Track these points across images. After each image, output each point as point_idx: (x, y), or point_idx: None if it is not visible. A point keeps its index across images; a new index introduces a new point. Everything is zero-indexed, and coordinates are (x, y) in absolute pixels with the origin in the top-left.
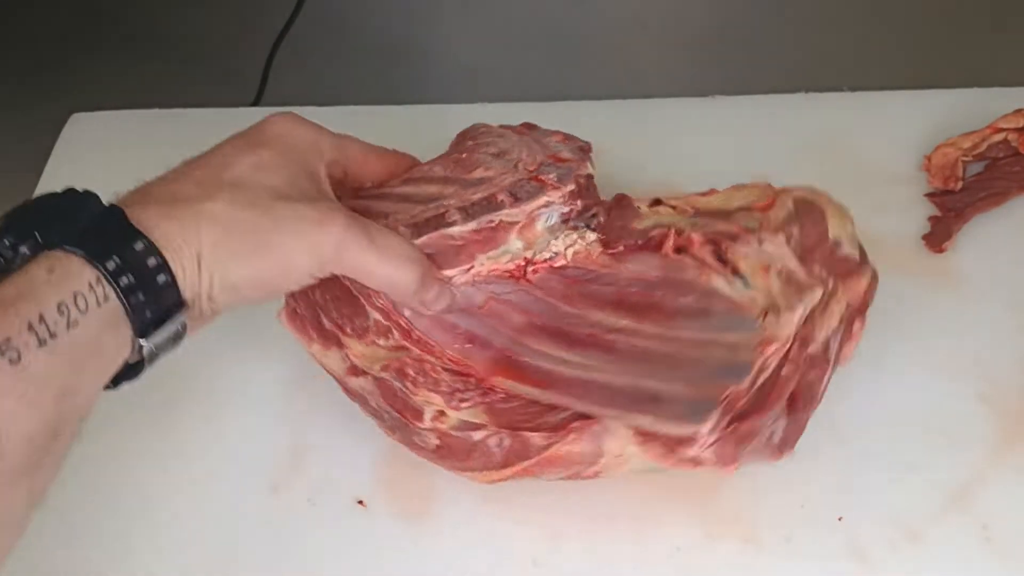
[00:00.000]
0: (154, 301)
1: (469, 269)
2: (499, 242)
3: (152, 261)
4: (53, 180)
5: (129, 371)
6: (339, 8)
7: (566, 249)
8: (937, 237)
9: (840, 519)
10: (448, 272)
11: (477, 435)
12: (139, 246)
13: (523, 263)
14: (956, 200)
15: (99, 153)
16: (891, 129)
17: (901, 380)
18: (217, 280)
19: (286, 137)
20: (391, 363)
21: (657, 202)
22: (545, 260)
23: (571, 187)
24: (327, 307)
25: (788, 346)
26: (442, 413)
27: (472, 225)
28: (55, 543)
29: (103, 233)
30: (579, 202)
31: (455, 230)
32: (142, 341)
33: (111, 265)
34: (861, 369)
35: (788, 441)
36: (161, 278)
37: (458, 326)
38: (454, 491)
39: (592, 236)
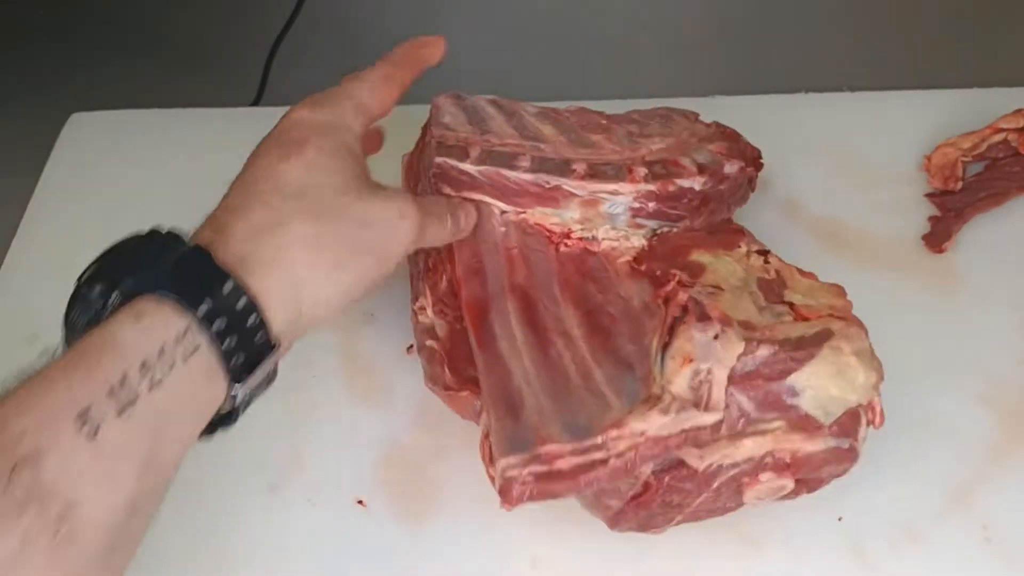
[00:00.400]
0: (246, 345)
1: (521, 213)
2: (556, 203)
3: (241, 303)
4: (53, 180)
5: (224, 419)
6: (339, 8)
7: (604, 240)
8: (937, 237)
9: (840, 519)
10: (504, 207)
11: (428, 342)
12: (227, 287)
13: (566, 232)
14: (956, 200)
15: (99, 153)
16: (891, 129)
17: (901, 380)
18: (321, 299)
19: (316, 128)
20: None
21: (763, 253)
22: (582, 239)
23: (651, 187)
24: (424, 178)
25: (638, 444)
26: (424, 309)
27: (529, 177)
28: None
29: (191, 276)
30: (651, 204)
31: (512, 174)
32: (236, 387)
33: (203, 309)
34: None
35: (621, 521)
36: (251, 319)
37: (478, 255)
38: (454, 491)
39: (637, 242)
